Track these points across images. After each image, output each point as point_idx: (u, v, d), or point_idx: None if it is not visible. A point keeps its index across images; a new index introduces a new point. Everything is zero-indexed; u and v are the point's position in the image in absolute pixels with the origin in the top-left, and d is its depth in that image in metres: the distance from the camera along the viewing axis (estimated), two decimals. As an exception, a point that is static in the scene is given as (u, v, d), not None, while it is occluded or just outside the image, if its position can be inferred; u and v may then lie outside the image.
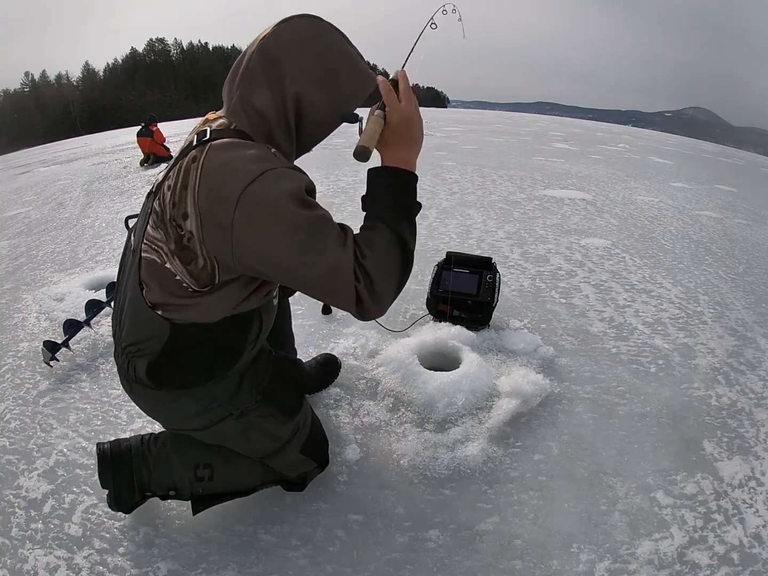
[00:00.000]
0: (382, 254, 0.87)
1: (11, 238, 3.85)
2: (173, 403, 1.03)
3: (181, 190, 0.85)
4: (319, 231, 0.83)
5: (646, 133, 24.38)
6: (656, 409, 1.64)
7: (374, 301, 0.86)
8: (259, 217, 0.80)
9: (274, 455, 1.15)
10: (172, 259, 0.88)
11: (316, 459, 1.23)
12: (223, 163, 0.82)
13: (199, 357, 0.97)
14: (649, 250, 3.30)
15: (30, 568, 1.10)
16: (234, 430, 1.09)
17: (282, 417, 1.12)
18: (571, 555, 1.14)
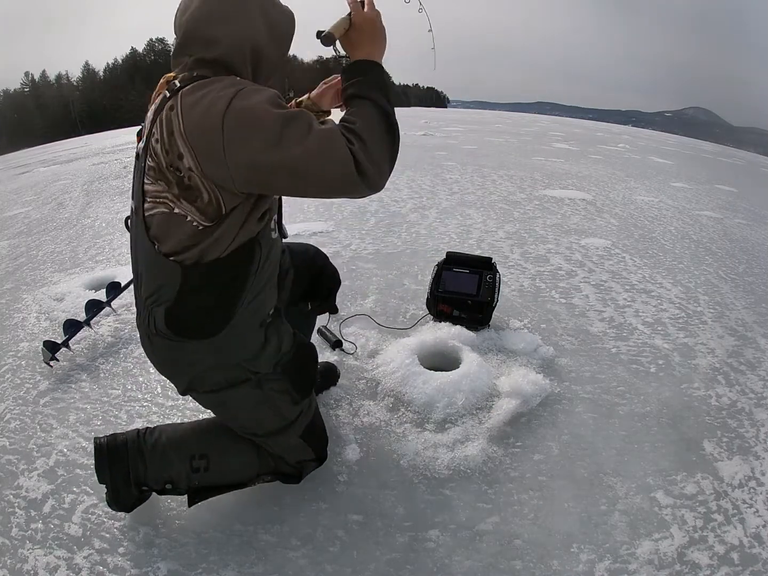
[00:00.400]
0: (368, 120, 0.91)
1: (11, 238, 3.85)
2: (192, 355, 1.05)
3: (169, 136, 0.90)
4: (300, 119, 0.89)
5: (646, 133, 24.38)
6: (656, 409, 1.64)
7: (371, 163, 0.88)
8: (245, 128, 0.86)
9: (276, 434, 1.16)
10: (179, 203, 0.93)
11: (314, 449, 1.23)
12: (199, 100, 0.88)
13: (211, 295, 1.00)
14: (649, 250, 3.30)
15: (30, 568, 1.10)
16: (247, 398, 1.10)
17: (295, 395, 1.14)
18: (571, 555, 1.14)
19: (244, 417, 1.15)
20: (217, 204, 0.92)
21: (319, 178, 0.89)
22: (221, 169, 0.88)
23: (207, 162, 0.88)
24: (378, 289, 2.43)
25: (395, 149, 0.95)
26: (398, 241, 3.16)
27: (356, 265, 2.73)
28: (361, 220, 3.63)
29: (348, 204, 4.08)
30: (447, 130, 12.81)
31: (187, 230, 0.94)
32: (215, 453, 1.16)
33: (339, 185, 0.89)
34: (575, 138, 13.23)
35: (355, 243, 3.10)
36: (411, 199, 4.30)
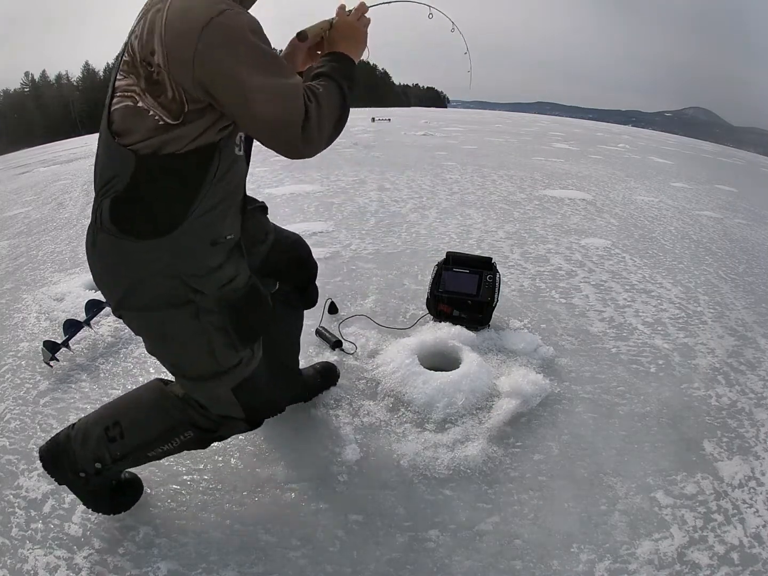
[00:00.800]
0: (329, 94, 0.99)
1: (11, 238, 3.85)
2: (133, 256, 0.99)
3: (148, 34, 0.92)
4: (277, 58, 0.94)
5: (646, 133, 24.38)
6: (656, 409, 1.64)
7: (318, 126, 0.94)
8: (221, 43, 0.88)
9: (203, 381, 1.08)
10: (144, 97, 0.94)
11: (245, 408, 1.13)
12: (186, 7, 0.91)
13: (160, 191, 0.97)
14: (649, 250, 3.30)
15: (30, 568, 1.10)
16: (182, 326, 1.03)
17: (234, 337, 1.06)
18: (571, 555, 1.14)
19: (176, 350, 1.08)
20: (180, 102, 0.93)
21: (267, 114, 0.92)
22: (187, 69, 0.90)
23: (175, 63, 0.90)
24: (378, 289, 2.43)
25: (339, 128, 1.01)
26: (398, 241, 3.16)
27: (356, 265, 2.73)
28: (361, 220, 3.63)
29: (348, 204, 4.08)
30: (447, 130, 12.81)
31: (148, 124, 0.94)
32: (126, 417, 1.13)
33: (281, 132, 0.93)
34: (575, 138, 13.23)
35: (355, 243, 3.10)
36: (411, 199, 4.30)
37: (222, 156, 0.99)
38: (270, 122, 0.93)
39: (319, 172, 5.48)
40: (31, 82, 61.71)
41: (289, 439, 1.46)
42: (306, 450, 1.42)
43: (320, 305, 2.14)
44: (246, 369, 1.11)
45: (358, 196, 4.40)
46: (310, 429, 1.50)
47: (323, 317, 2.10)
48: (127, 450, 1.12)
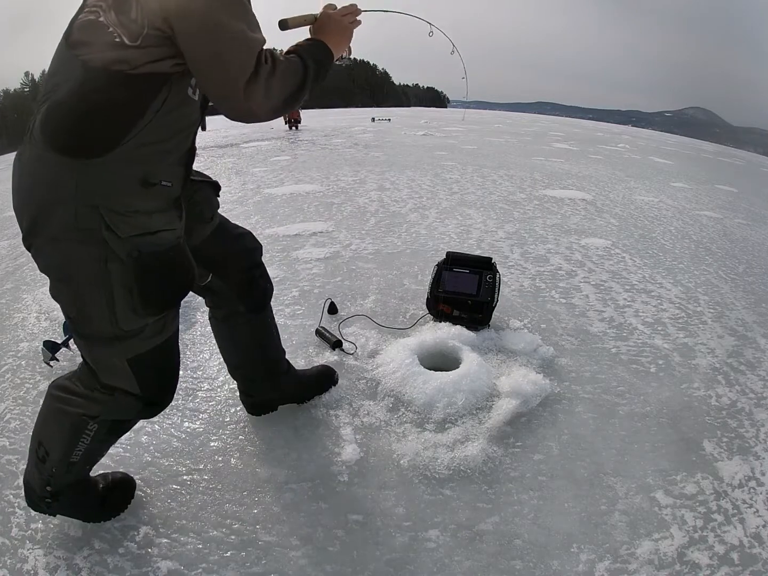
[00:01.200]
0: (291, 67, 0.99)
1: (11, 238, 3.84)
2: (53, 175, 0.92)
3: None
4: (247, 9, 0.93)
5: (646, 133, 24.38)
6: (656, 409, 1.64)
7: (266, 89, 0.92)
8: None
9: (96, 340, 1.01)
10: (107, 13, 0.92)
11: (141, 383, 1.05)
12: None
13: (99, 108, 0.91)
14: (649, 250, 3.30)
15: (30, 568, 1.10)
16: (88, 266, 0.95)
17: (137, 302, 0.97)
18: (571, 555, 1.14)
19: (75, 297, 0.99)
20: (140, 25, 0.90)
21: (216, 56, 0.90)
22: None
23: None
24: (378, 289, 2.43)
25: (290, 103, 1.00)
26: (398, 241, 3.16)
27: (356, 265, 2.73)
28: (361, 220, 3.64)
29: (348, 204, 4.08)
30: (447, 130, 12.81)
31: (105, 38, 0.91)
32: (42, 434, 1.10)
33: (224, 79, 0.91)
34: (575, 138, 13.23)
35: (355, 243, 3.10)
36: (411, 199, 4.30)
37: (173, 90, 0.95)
38: (216, 66, 0.90)
39: (319, 172, 5.48)
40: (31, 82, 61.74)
41: (289, 439, 1.46)
42: (306, 450, 1.42)
43: (320, 305, 2.14)
44: (150, 341, 1.02)
45: (358, 196, 4.40)
46: (310, 429, 1.50)
47: (323, 317, 2.10)
48: (56, 465, 1.09)
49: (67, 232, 0.92)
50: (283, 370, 1.53)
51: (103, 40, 0.91)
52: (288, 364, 1.55)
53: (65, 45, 0.95)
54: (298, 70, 1.00)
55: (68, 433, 1.07)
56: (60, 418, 1.08)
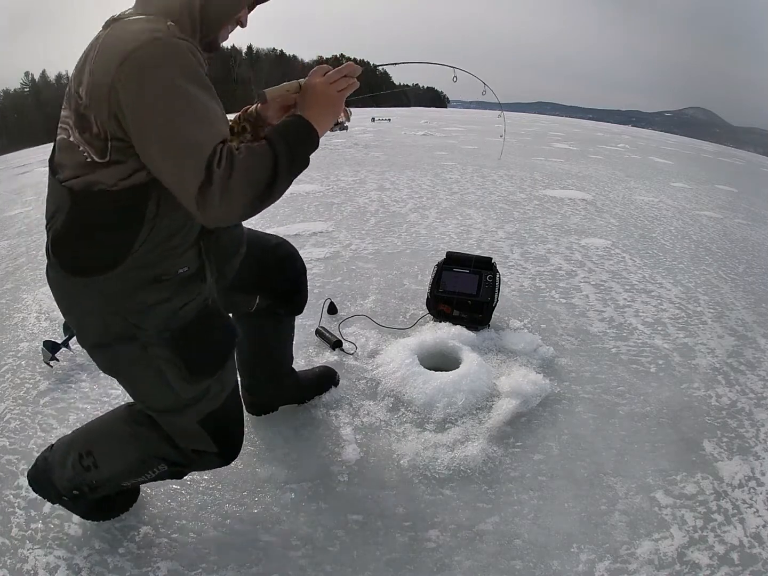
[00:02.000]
0: (255, 162, 0.87)
1: (11, 238, 3.84)
2: (76, 292, 0.98)
3: (83, 63, 0.89)
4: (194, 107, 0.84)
5: (646, 133, 24.37)
6: (656, 409, 1.64)
7: (223, 194, 0.82)
8: (135, 77, 0.82)
9: (167, 413, 1.05)
10: (74, 131, 0.90)
11: (217, 441, 1.09)
12: (119, 35, 0.87)
13: (99, 232, 0.94)
14: (649, 250, 3.30)
15: (30, 568, 1.10)
16: (132, 360, 1.00)
17: (185, 372, 1.00)
18: (571, 555, 1.14)
19: (133, 385, 1.05)
20: (104, 140, 0.87)
21: (164, 168, 0.85)
22: (103, 108, 0.84)
23: (94, 97, 0.85)
24: (378, 289, 2.43)
25: (266, 198, 0.89)
26: (398, 241, 3.16)
27: (356, 265, 2.73)
28: (361, 220, 3.63)
29: (348, 204, 4.08)
30: (447, 130, 12.81)
31: (78, 159, 0.91)
32: (98, 447, 1.10)
33: (176, 190, 0.85)
34: (575, 138, 13.22)
35: (355, 243, 3.10)
36: (411, 199, 4.30)
37: (162, 193, 0.91)
38: (165, 173, 0.85)
39: (319, 172, 5.48)
40: (31, 82, 61.71)
41: (289, 439, 1.46)
42: (306, 450, 1.42)
43: (320, 305, 2.14)
44: (215, 400, 1.06)
45: (358, 196, 4.39)
46: (310, 429, 1.50)
47: (323, 317, 2.10)
48: (101, 480, 1.11)
49: (103, 338, 0.99)
50: (288, 371, 1.54)
51: (76, 161, 0.90)
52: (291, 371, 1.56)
53: (49, 166, 0.96)
54: (266, 163, 0.88)
55: (134, 466, 1.10)
56: (130, 448, 1.09)
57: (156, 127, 0.83)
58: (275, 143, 0.90)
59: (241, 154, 0.85)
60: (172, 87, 0.83)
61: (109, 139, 0.87)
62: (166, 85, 0.83)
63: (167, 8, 0.93)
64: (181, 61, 0.85)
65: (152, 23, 0.88)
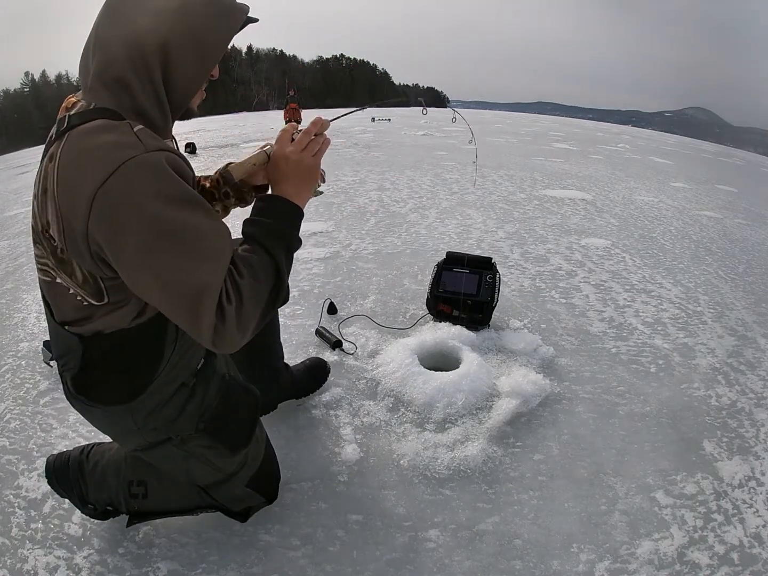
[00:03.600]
0: (257, 277, 0.81)
1: (11, 238, 3.84)
2: (109, 419, 0.97)
3: (42, 195, 0.77)
4: (185, 234, 0.74)
5: (646, 133, 24.36)
6: (656, 409, 1.64)
7: (239, 326, 0.78)
8: (115, 217, 0.71)
9: (217, 486, 1.09)
10: (59, 273, 0.81)
11: (264, 494, 1.16)
12: (78, 158, 0.73)
13: (119, 369, 0.90)
14: (649, 250, 3.30)
15: (30, 568, 1.10)
16: (173, 455, 1.02)
17: (225, 451, 1.04)
18: (571, 555, 1.14)
19: (175, 471, 1.08)
20: (94, 283, 0.80)
21: (171, 315, 0.78)
22: (84, 253, 0.74)
23: (70, 242, 0.75)
24: (378, 289, 2.43)
25: (271, 313, 0.85)
26: (398, 241, 3.16)
27: (356, 265, 2.73)
28: (361, 220, 3.63)
29: (348, 204, 4.08)
30: (447, 130, 12.81)
31: (73, 303, 0.83)
32: (154, 481, 1.11)
33: (188, 331, 0.78)
34: (575, 138, 13.22)
35: (355, 243, 3.10)
36: (411, 199, 4.30)
37: None
38: (175, 320, 0.79)
39: (319, 172, 5.46)
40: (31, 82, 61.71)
41: (289, 439, 1.46)
42: (306, 450, 1.42)
43: (320, 305, 2.14)
44: (254, 464, 1.12)
45: (358, 196, 4.39)
46: (310, 429, 1.50)
47: (323, 317, 2.10)
48: (146, 510, 1.13)
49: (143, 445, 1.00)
50: (283, 365, 1.54)
51: (72, 304, 0.83)
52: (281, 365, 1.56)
53: (47, 307, 0.90)
54: (269, 272, 0.82)
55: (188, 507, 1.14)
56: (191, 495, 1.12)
57: (152, 273, 0.74)
58: (271, 248, 0.84)
59: (244, 279, 0.79)
60: (158, 221, 0.72)
61: (101, 280, 0.79)
62: (151, 221, 0.71)
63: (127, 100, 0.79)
64: (161, 184, 0.73)
65: (116, 133, 0.74)
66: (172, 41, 0.77)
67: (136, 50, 0.76)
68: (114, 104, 0.78)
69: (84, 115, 0.77)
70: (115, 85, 0.78)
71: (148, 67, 0.78)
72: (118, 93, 0.78)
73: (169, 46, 0.77)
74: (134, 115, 0.79)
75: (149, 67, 0.78)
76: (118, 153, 0.71)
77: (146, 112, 0.81)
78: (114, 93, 0.78)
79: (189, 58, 0.80)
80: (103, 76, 0.78)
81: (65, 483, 1.15)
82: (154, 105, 0.81)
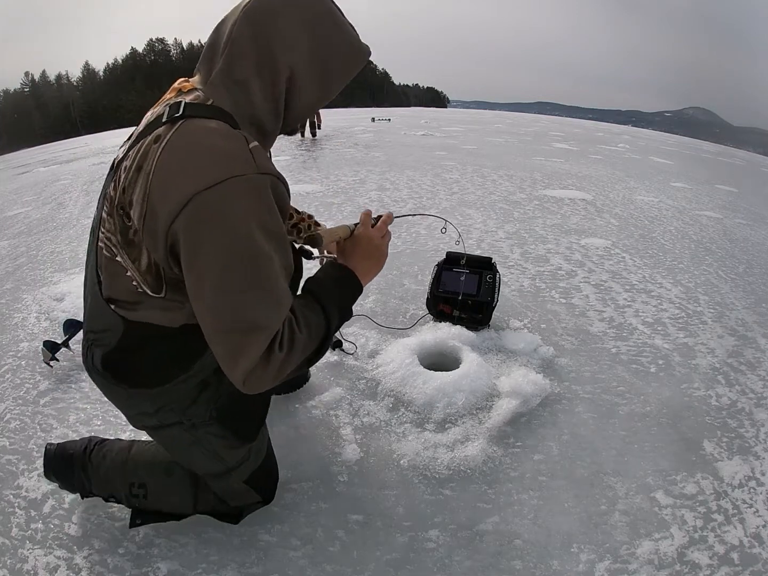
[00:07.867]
0: (310, 337, 0.84)
1: (11, 238, 3.84)
2: (128, 400, 0.99)
3: (134, 173, 0.76)
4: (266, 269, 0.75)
5: (646, 133, 24.37)
6: (656, 409, 1.64)
7: (276, 375, 0.79)
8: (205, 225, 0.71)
9: (216, 478, 1.10)
10: (121, 253, 0.81)
11: (260, 492, 1.17)
12: (186, 153, 0.73)
13: (154, 359, 0.91)
14: (649, 250, 3.30)
15: (30, 568, 1.10)
16: (182, 439, 1.03)
17: (233, 441, 1.05)
18: (571, 555, 1.14)
19: (179, 454, 1.10)
20: (156, 275, 0.80)
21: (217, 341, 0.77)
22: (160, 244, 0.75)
23: (149, 228, 0.74)
24: (378, 289, 2.43)
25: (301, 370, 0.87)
26: (398, 241, 3.16)
27: (356, 265, 2.72)
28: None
29: (348, 204, 4.08)
30: (447, 130, 12.81)
31: (127, 285, 0.83)
32: (153, 484, 1.13)
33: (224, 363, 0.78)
34: (575, 138, 13.22)
35: (355, 243, 3.10)
36: (411, 199, 4.30)
37: None
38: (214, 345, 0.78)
39: (319, 172, 5.48)
40: (31, 82, 61.71)
41: (289, 439, 1.46)
42: (306, 450, 1.42)
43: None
44: (256, 460, 1.13)
45: (358, 196, 4.39)
46: (310, 429, 1.50)
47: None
48: (146, 507, 1.15)
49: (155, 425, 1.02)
50: None
51: (125, 287, 0.83)
52: None
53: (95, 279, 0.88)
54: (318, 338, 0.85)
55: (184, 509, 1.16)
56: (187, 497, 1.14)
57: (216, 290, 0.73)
58: (330, 314, 0.88)
59: (302, 333, 0.80)
60: (245, 244, 0.72)
61: (164, 277, 0.80)
62: (238, 241, 0.72)
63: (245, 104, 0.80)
64: (260, 211, 0.73)
65: (232, 143, 0.73)
66: (302, 67, 0.81)
67: (269, 61, 0.79)
68: (231, 106, 0.80)
69: (200, 109, 0.78)
70: (237, 87, 0.80)
71: (275, 82, 0.81)
72: (238, 96, 0.80)
73: (298, 70, 0.81)
74: (248, 122, 0.82)
75: (275, 83, 0.81)
76: (229, 165, 0.72)
77: (260, 119, 0.83)
78: (233, 95, 0.80)
79: (311, 89, 0.85)
80: (228, 74, 0.80)
81: (66, 480, 1.18)
82: (270, 113, 0.84)
